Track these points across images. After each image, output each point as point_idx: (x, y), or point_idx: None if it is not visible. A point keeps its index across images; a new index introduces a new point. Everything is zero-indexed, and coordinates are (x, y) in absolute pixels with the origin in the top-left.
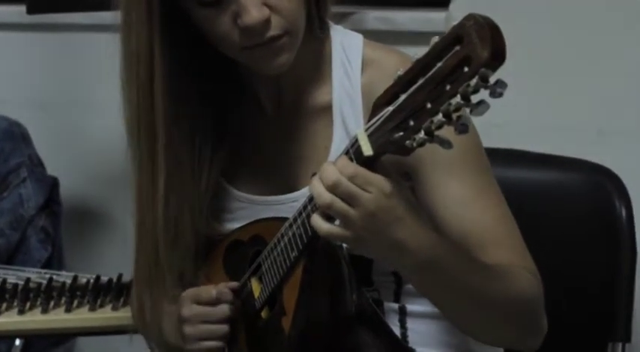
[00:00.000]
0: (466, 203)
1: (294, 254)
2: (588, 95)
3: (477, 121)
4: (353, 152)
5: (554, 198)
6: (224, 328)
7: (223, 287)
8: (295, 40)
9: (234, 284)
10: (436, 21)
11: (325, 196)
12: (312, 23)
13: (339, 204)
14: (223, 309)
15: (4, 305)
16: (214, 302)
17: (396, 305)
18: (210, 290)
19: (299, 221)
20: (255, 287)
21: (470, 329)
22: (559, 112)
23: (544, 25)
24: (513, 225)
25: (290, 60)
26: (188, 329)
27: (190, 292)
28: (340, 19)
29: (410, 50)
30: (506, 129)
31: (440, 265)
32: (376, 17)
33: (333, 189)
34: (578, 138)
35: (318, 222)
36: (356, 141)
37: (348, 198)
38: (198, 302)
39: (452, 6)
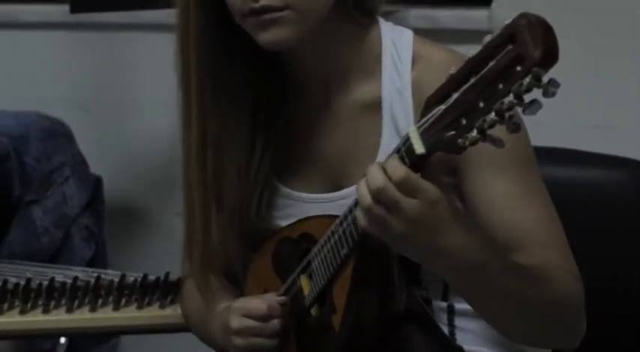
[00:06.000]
0: (511, 202)
1: (344, 251)
2: (632, 95)
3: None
4: (405, 150)
5: (599, 196)
6: (275, 342)
7: (273, 302)
8: (299, 18)
9: (284, 299)
10: (478, 19)
11: (367, 201)
12: (347, 10)
13: (379, 211)
14: (274, 325)
15: (53, 303)
16: (265, 318)
17: (444, 304)
18: (260, 306)
19: (350, 218)
20: (305, 284)
21: (507, 330)
22: (603, 111)
23: (590, 23)
24: (558, 225)
25: (288, 39)
26: (238, 341)
27: (239, 305)
28: (382, 17)
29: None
30: (550, 127)
31: (478, 269)
32: (418, 15)
33: (376, 194)
34: (622, 136)
35: (361, 217)
36: (408, 139)
37: (391, 205)
38: (248, 317)
39: (494, 4)
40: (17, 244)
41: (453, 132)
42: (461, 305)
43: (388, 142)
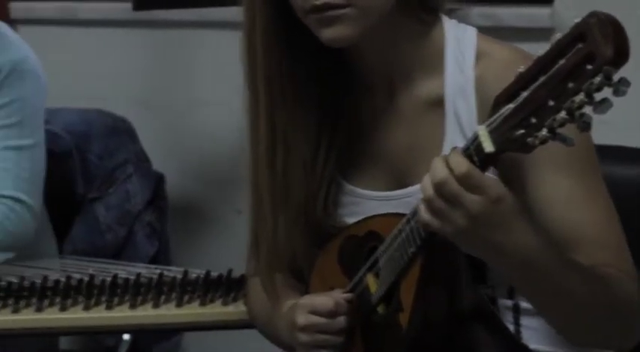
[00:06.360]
0: (572, 201)
1: (411, 250)
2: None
3: None
4: (474, 149)
5: None
6: (340, 339)
7: (340, 299)
8: (361, 15)
9: (350, 296)
10: (540, 17)
11: (429, 193)
12: (411, 7)
13: (439, 204)
14: (340, 322)
15: (116, 299)
16: (331, 314)
17: (510, 302)
18: (326, 302)
19: (417, 217)
20: (372, 282)
21: (562, 328)
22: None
23: None
24: (616, 225)
25: (350, 36)
26: (303, 337)
27: (305, 302)
28: (445, 15)
29: None
30: (615, 127)
31: (535, 266)
32: (480, 13)
33: (438, 187)
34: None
35: (422, 208)
36: (477, 137)
37: (452, 198)
38: (315, 313)
39: (556, 1)
40: (80, 241)
41: (522, 131)
42: (527, 304)
43: (452, 139)
